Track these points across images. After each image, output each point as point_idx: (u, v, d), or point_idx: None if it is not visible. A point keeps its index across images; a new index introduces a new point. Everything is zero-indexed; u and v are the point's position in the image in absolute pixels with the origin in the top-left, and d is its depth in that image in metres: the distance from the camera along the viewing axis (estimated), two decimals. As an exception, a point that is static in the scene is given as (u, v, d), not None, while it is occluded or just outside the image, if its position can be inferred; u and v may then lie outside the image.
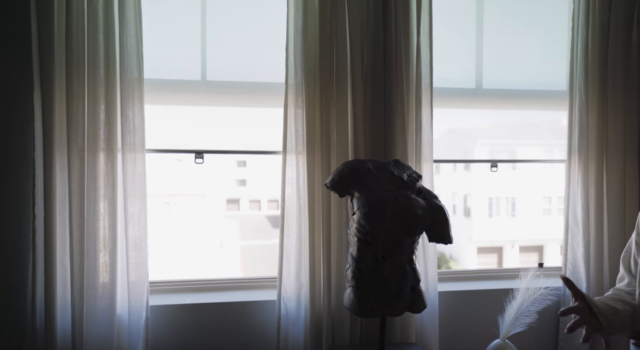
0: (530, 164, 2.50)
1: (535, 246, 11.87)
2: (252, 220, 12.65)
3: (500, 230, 12.15)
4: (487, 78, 2.40)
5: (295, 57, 2.06)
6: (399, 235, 1.84)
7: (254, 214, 12.92)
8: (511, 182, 11.02)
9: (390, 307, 1.87)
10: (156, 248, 2.18)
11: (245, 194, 12.52)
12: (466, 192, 11.39)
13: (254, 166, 11.92)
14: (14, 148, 1.94)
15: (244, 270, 10.94)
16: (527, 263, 10.58)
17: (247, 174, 12.49)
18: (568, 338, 2.28)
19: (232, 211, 12.25)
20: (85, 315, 1.94)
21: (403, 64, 2.10)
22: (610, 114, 2.25)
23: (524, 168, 10.37)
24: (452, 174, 11.15)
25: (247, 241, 11.58)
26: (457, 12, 2.38)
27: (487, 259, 11.53)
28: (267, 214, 12.82)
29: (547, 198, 11.19)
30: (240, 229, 11.57)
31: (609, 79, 2.24)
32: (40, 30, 1.90)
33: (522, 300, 2.04)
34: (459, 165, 10.11)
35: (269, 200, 12.94)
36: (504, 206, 11.60)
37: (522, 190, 11.16)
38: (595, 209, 2.25)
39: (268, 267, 2.49)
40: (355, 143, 2.10)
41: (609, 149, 2.25)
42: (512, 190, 11.25)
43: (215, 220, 10.56)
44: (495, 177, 11.09)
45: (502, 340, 2.02)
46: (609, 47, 2.24)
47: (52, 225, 1.90)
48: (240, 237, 12.08)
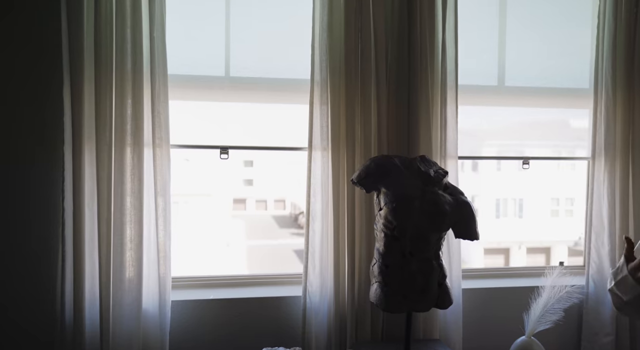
0: (538, 165, 2.47)
1: (543, 248, 11.83)
2: (259, 220, 12.69)
3: (507, 232, 12.11)
4: (510, 75, 2.39)
5: (320, 54, 2.06)
6: (426, 231, 1.84)
7: (260, 214, 12.97)
8: (518, 183, 10.97)
9: (417, 302, 1.86)
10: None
11: (251, 194, 12.56)
12: (473, 193, 11.36)
13: (261, 166, 11.96)
14: (45, 142, 1.96)
15: (250, 270, 10.96)
16: (534, 264, 10.51)
17: (253, 174, 12.53)
18: (591, 337, 2.27)
19: (239, 211, 12.29)
20: (112, 309, 1.95)
21: (428, 60, 2.09)
22: (637, 112, 2.23)
23: (531, 169, 10.30)
24: (459, 174, 11.10)
25: (253, 241, 11.61)
26: (479, 9, 2.37)
27: (493, 260, 11.50)
28: (273, 214, 12.86)
29: (555, 199, 11.14)
30: (246, 228, 11.60)
31: (635, 77, 2.23)
32: (71, 26, 1.91)
33: (548, 298, 2.04)
34: (467, 166, 10.08)
35: (276, 200, 12.96)
36: (511, 207, 11.58)
37: (529, 191, 11.11)
38: (621, 207, 2.23)
39: (274, 266, 2.50)
40: (379, 139, 2.10)
41: (635, 147, 2.23)
42: (519, 191, 11.21)
43: (222, 220, 10.59)
44: (503, 178, 10.99)
45: (527, 338, 2.01)
46: (636, 44, 2.23)
47: (81, 219, 1.92)
48: (246, 237, 12.08)
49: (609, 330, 2.25)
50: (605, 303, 2.25)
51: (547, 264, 2.43)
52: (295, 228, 13.32)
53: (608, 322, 2.25)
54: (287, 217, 14.17)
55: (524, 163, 2.40)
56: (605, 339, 2.25)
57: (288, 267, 2.37)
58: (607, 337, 2.25)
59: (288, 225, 13.86)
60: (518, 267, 2.47)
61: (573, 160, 2.60)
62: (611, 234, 2.24)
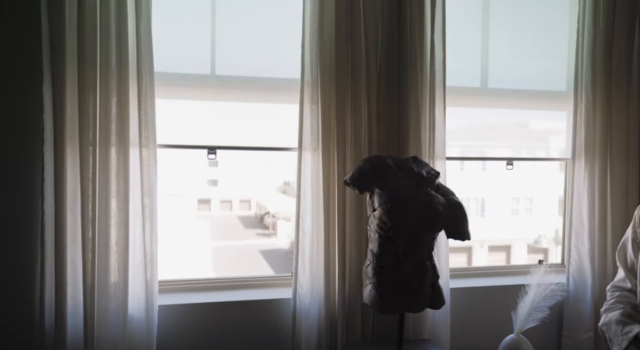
0: (497, 166, 2.51)
1: (503, 246, 12.18)
2: (224, 221, 12.50)
3: (471, 230, 12.42)
4: (493, 77, 2.43)
5: (311, 54, 2.04)
6: (420, 231, 1.84)
7: (225, 215, 12.78)
8: (480, 183, 11.22)
9: (410, 303, 1.87)
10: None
11: (216, 194, 12.37)
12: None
13: (226, 166, 11.79)
14: (23, 141, 1.87)
15: (215, 272, 10.85)
16: (495, 262, 10.76)
17: (218, 174, 12.35)
18: (572, 334, 2.33)
19: (204, 211, 12.07)
20: (97, 315, 1.88)
21: (417, 61, 2.11)
22: (615, 115, 2.31)
23: (492, 169, 10.52)
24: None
25: (218, 242, 11.47)
26: (464, 11, 2.40)
27: (457, 259, 11.76)
28: (238, 214, 12.69)
29: (515, 199, 11.45)
30: (211, 229, 11.44)
31: (612, 81, 2.30)
32: (52, 20, 1.83)
33: (535, 296, 2.08)
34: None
35: (241, 201, 12.81)
36: (474, 206, 11.85)
37: (490, 191, 11.37)
38: (599, 207, 2.30)
39: (240, 268, 2.46)
40: (370, 139, 2.09)
41: (612, 149, 2.31)
42: (481, 191, 11.48)
43: (188, 221, 10.43)
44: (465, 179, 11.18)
45: (516, 336, 2.04)
46: (613, 49, 2.30)
47: (62, 222, 1.84)
48: (211, 238, 11.95)
49: (588, 327, 2.31)
50: (585, 300, 2.31)
51: (508, 262, 2.50)
52: (260, 228, 13.19)
53: (587, 319, 2.32)
54: (252, 218, 13.97)
55: (507, 164, 2.44)
56: (585, 335, 2.32)
57: (255, 268, 2.34)
58: (587, 333, 2.32)
59: (253, 226, 13.66)
60: (501, 265, 2.51)
61: (533, 162, 2.66)
62: (591, 234, 2.30)
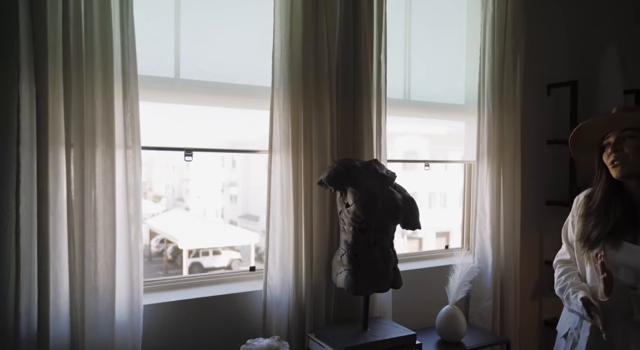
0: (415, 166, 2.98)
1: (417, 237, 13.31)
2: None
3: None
4: (414, 91, 2.85)
5: (281, 64, 2.22)
6: (387, 223, 2.16)
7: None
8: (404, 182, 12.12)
9: (379, 285, 2.18)
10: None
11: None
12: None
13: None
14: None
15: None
16: (413, 248, 11.58)
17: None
18: (476, 302, 2.87)
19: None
20: (87, 319, 1.85)
21: (369, 75, 2.41)
22: (505, 125, 2.89)
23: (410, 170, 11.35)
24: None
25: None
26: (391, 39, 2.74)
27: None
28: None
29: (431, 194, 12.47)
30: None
31: (504, 97, 2.87)
32: (34, 18, 1.75)
33: (460, 274, 2.53)
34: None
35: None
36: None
37: (414, 188, 12.28)
38: (496, 199, 2.87)
39: None
40: (332, 143, 2.34)
41: (504, 152, 2.88)
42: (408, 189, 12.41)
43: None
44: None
45: (451, 306, 2.48)
46: (504, 72, 2.87)
47: (45, 226, 1.77)
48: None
49: (489, 296, 2.86)
50: (486, 276, 2.86)
51: (446, 244, 3.01)
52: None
53: (488, 290, 2.86)
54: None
55: (425, 165, 2.89)
56: (486, 303, 2.86)
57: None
58: (487, 302, 2.86)
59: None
60: (427, 251, 2.97)
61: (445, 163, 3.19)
62: (491, 221, 2.86)
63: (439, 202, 11.53)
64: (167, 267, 11.58)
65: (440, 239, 10.43)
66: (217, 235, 12.39)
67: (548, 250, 3.28)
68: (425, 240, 9.87)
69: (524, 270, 3.14)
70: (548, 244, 3.28)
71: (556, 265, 2.13)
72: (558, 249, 2.18)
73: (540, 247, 3.28)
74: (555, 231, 3.23)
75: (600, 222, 1.87)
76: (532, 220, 3.22)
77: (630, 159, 1.80)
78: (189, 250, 11.51)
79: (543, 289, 3.29)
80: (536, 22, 3.21)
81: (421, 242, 10.08)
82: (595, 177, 1.96)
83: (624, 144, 1.83)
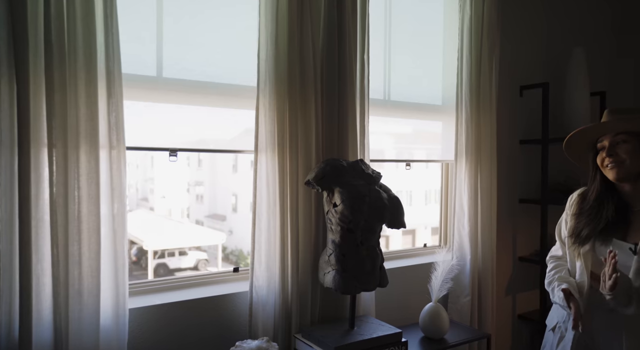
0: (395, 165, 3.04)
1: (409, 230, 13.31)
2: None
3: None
4: (394, 92, 2.88)
5: (267, 63, 2.21)
6: (373, 223, 2.18)
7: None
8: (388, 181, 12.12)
9: (366, 284, 2.19)
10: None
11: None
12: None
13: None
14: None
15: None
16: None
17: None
18: (455, 299, 2.92)
19: None
20: (71, 324, 1.79)
21: (354, 75, 2.42)
22: (482, 126, 2.95)
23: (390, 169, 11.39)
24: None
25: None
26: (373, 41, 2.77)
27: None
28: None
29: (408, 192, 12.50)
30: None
31: (481, 98, 2.94)
32: (14, 13, 1.69)
33: (442, 271, 2.57)
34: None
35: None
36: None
37: (395, 187, 12.30)
38: (474, 198, 2.93)
39: None
40: (317, 143, 2.34)
41: (481, 151, 2.95)
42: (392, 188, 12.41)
43: None
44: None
45: (434, 303, 2.52)
46: (481, 73, 2.93)
47: (27, 230, 1.71)
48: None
49: (467, 293, 2.92)
50: (465, 273, 2.91)
51: (425, 243, 3.05)
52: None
53: (466, 287, 2.92)
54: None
55: (406, 165, 2.92)
56: (464, 299, 2.92)
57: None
58: (466, 298, 2.92)
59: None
60: (407, 249, 3.00)
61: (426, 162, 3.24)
62: (469, 219, 2.91)
63: (405, 201, 11.61)
64: (132, 268, 11.34)
65: (406, 237, 10.55)
66: (183, 235, 12.23)
67: (521, 246, 3.37)
68: (391, 238, 9.99)
69: (499, 267, 3.22)
70: (521, 241, 3.37)
71: (549, 260, 2.19)
72: (531, 245, 2.24)
73: (514, 243, 3.37)
74: (527, 228, 3.34)
75: (592, 221, 1.95)
76: (506, 218, 3.30)
77: (627, 162, 1.88)
78: (154, 251, 11.30)
79: (517, 284, 3.38)
80: (511, 26, 3.29)
81: (388, 240, 10.20)
82: (590, 177, 2.03)
83: (617, 148, 1.90)
